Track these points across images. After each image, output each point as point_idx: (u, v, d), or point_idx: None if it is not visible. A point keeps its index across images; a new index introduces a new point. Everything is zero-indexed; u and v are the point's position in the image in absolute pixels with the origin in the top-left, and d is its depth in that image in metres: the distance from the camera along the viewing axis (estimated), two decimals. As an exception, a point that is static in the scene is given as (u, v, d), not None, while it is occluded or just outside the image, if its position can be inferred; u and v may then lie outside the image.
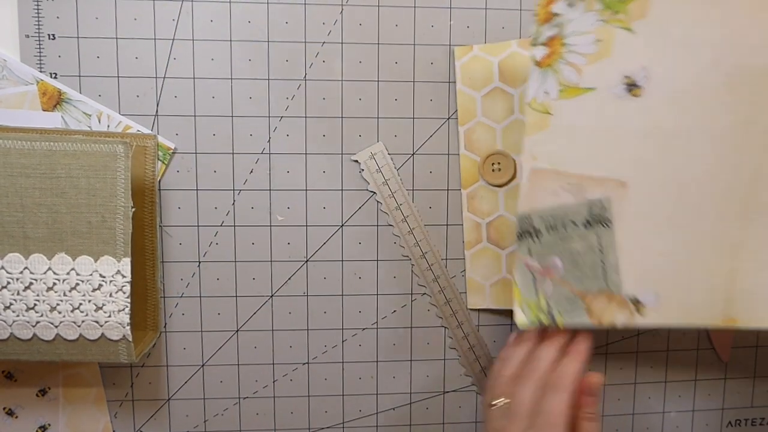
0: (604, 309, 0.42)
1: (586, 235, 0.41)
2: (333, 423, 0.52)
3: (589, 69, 0.38)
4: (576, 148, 0.40)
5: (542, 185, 0.41)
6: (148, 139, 0.46)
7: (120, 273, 0.42)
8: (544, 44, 0.39)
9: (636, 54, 0.38)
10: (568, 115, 0.39)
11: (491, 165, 0.45)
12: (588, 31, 0.38)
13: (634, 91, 0.39)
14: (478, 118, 0.46)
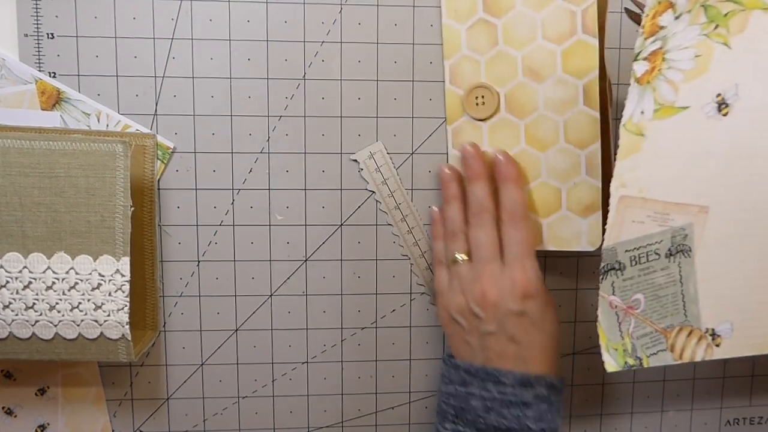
0: (685, 344, 0.41)
1: (668, 266, 0.40)
2: (332, 422, 0.52)
3: (685, 87, 0.37)
4: (664, 173, 0.38)
5: (629, 215, 0.39)
6: (148, 139, 0.46)
7: (119, 272, 0.42)
8: (645, 59, 0.37)
9: (730, 71, 0.36)
10: (660, 137, 0.37)
11: (475, 99, 0.45)
12: (690, 46, 0.36)
13: (724, 110, 0.37)
14: (462, 51, 0.45)
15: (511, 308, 0.42)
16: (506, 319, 0.42)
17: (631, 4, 0.50)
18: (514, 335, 0.42)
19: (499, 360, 0.42)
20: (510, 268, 0.42)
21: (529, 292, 0.42)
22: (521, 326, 0.42)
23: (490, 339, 0.43)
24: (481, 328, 0.43)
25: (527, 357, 0.42)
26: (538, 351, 0.42)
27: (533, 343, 0.42)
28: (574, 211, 0.43)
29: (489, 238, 0.43)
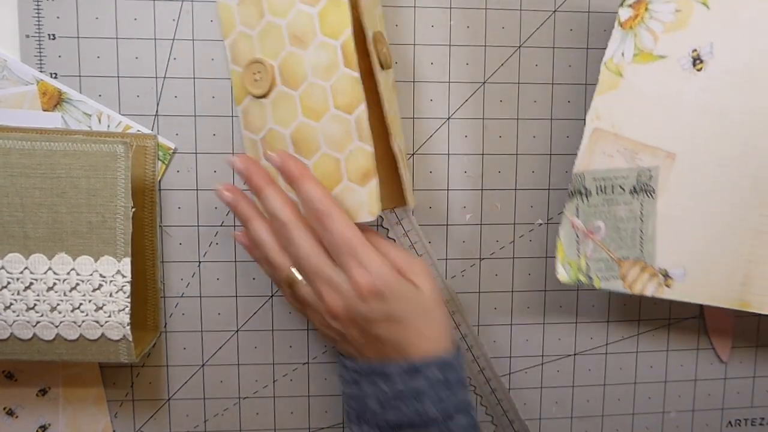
0: (637, 277, 0.44)
1: (631, 202, 0.43)
2: (333, 423, 0.52)
3: (664, 37, 0.40)
4: (637, 114, 0.41)
5: (600, 146, 0.42)
6: (149, 139, 0.46)
7: (120, 273, 0.42)
8: (630, 6, 0.40)
9: (707, 29, 0.39)
10: (637, 80, 0.41)
11: (252, 75, 0.44)
12: (671, 0, 0.40)
13: (698, 65, 0.40)
14: (237, 28, 0.44)
15: (365, 314, 0.39)
16: (366, 325, 0.39)
17: (632, 5, 0.50)
18: (380, 335, 0.39)
19: (381, 355, 0.40)
20: (345, 272, 0.39)
21: (376, 290, 0.38)
22: (389, 325, 0.39)
23: (362, 344, 0.41)
24: (348, 337, 0.41)
25: (405, 344, 0.39)
26: (414, 335, 0.39)
27: (402, 332, 0.39)
28: (353, 181, 0.42)
29: (306, 250, 0.40)
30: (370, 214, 0.42)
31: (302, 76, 0.42)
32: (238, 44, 0.45)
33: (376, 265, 0.39)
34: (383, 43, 0.43)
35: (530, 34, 0.49)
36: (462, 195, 0.50)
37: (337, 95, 0.41)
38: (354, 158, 0.41)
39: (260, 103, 0.45)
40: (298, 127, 0.43)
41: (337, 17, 0.40)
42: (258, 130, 0.45)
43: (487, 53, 0.49)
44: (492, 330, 0.52)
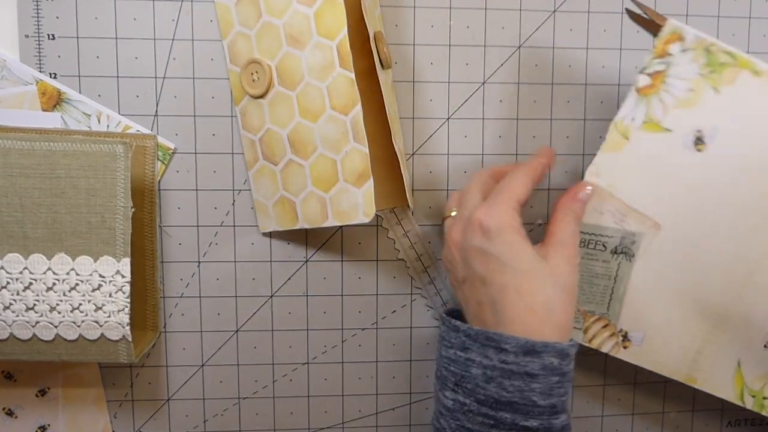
0: (598, 333, 0.46)
1: (609, 261, 0.44)
2: (333, 423, 0.52)
3: (674, 112, 0.41)
4: (634, 179, 0.42)
5: (594, 201, 0.43)
6: (148, 139, 0.46)
7: (119, 273, 0.42)
8: (649, 75, 0.41)
9: (714, 113, 0.41)
10: (641, 147, 0.42)
11: (250, 75, 0.44)
12: (687, 78, 0.41)
13: (700, 146, 0.41)
14: (236, 28, 0.45)
15: (471, 244, 0.39)
16: (471, 258, 0.39)
17: (631, 4, 0.50)
18: (484, 276, 0.38)
19: (480, 308, 0.39)
20: (476, 208, 0.40)
21: (486, 226, 0.38)
22: (487, 264, 0.38)
23: (467, 285, 0.40)
24: (458, 276, 0.41)
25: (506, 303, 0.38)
26: (513, 296, 0.37)
27: (506, 284, 0.38)
28: (349, 182, 0.42)
29: (472, 192, 0.42)
30: (366, 216, 0.42)
31: (299, 76, 0.42)
32: (237, 44, 0.45)
33: (499, 209, 0.39)
34: (384, 43, 0.43)
35: (530, 34, 0.49)
36: (462, 195, 0.50)
37: (333, 96, 0.41)
38: (350, 159, 0.42)
39: (258, 103, 0.45)
40: (295, 127, 0.43)
41: (332, 18, 0.40)
42: (256, 130, 0.45)
43: (487, 53, 0.49)
44: (492, 330, 0.52)
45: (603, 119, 0.50)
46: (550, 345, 0.37)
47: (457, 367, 0.39)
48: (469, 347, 0.39)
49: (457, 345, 0.40)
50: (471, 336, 0.39)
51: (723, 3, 0.50)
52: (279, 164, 0.45)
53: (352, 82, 0.40)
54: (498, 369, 0.37)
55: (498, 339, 0.37)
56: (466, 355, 0.39)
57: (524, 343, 0.36)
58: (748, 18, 0.51)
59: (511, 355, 0.37)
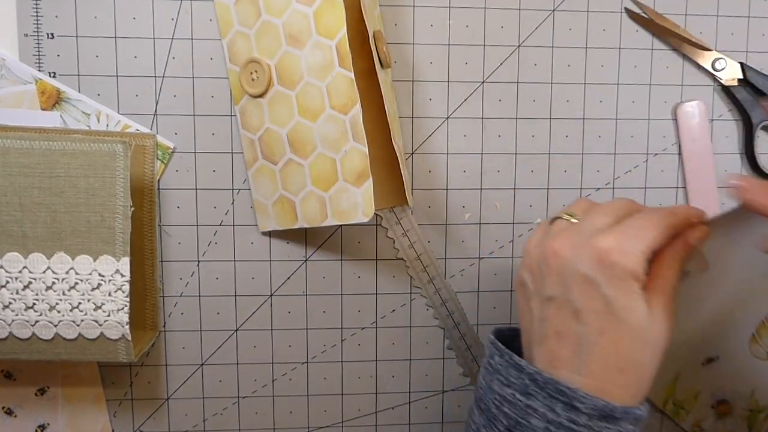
0: None
1: None
2: (332, 422, 0.52)
3: None
4: None
5: None
6: (147, 139, 0.46)
7: (119, 272, 0.42)
8: None
9: None
10: None
11: (250, 75, 0.44)
12: None
13: None
14: (235, 27, 0.45)
15: (582, 270, 0.32)
16: (572, 283, 0.33)
17: (631, 4, 0.50)
18: (580, 310, 0.33)
19: (558, 345, 0.33)
20: (606, 230, 0.33)
21: (612, 261, 0.32)
22: (590, 300, 0.32)
23: (551, 307, 0.34)
24: (543, 292, 0.35)
25: (595, 352, 0.32)
26: (613, 352, 0.32)
27: (605, 332, 0.32)
28: (349, 181, 0.42)
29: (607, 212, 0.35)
30: (365, 215, 0.42)
31: (298, 75, 0.42)
32: (236, 43, 0.45)
33: (634, 251, 0.32)
34: (383, 42, 0.43)
35: (529, 33, 0.49)
36: (461, 194, 0.50)
37: (332, 95, 0.41)
38: (349, 159, 0.42)
39: (257, 102, 0.45)
40: (294, 126, 0.43)
41: (332, 17, 0.40)
42: (255, 130, 0.46)
43: (486, 53, 0.49)
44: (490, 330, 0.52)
45: (602, 119, 0.50)
46: (630, 412, 0.32)
47: (513, 411, 0.34)
48: (533, 394, 0.33)
49: (518, 387, 0.34)
50: (537, 383, 0.33)
51: (722, 2, 0.50)
52: (278, 163, 0.45)
53: (351, 82, 0.40)
54: (565, 428, 0.32)
55: (571, 395, 0.32)
56: (527, 401, 0.33)
57: (602, 407, 0.31)
58: (748, 18, 0.51)
59: (583, 416, 0.32)
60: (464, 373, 0.52)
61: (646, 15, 0.50)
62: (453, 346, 0.52)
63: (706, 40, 0.50)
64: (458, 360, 0.52)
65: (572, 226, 0.35)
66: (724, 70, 0.50)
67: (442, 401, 0.52)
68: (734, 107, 0.51)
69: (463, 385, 0.52)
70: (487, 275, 0.51)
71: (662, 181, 0.51)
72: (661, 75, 0.50)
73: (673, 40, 0.50)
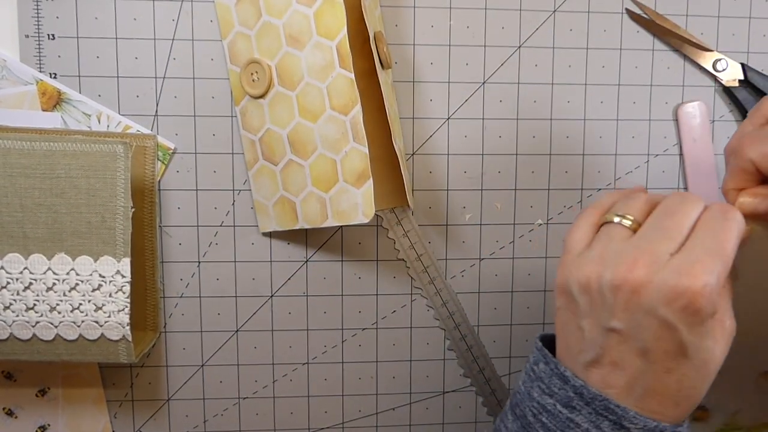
0: None
1: None
2: (333, 423, 0.52)
3: None
4: None
5: None
6: (148, 139, 0.46)
7: (120, 273, 0.42)
8: None
9: None
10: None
11: (250, 75, 0.44)
12: None
13: None
14: (236, 28, 0.45)
15: (658, 312, 0.29)
16: (646, 323, 0.29)
17: (631, 5, 0.50)
18: (649, 350, 0.30)
19: (612, 374, 0.31)
20: (685, 259, 0.29)
21: (696, 306, 0.28)
22: (664, 342, 0.29)
23: (611, 338, 0.30)
24: (603, 319, 0.31)
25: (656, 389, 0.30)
26: (675, 389, 0.30)
27: (672, 371, 0.30)
28: (349, 182, 0.42)
29: (685, 210, 0.30)
30: (365, 216, 0.42)
31: (299, 76, 0.42)
32: (237, 44, 0.45)
33: (713, 281, 0.28)
34: (384, 43, 0.43)
35: (530, 34, 0.49)
36: (462, 195, 0.50)
37: (332, 96, 0.41)
38: (349, 159, 0.42)
39: (258, 103, 0.45)
40: (295, 127, 0.43)
41: (332, 18, 0.40)
42: (256, 131, 0.46)
43: (487, 53, 0.49)
44: (492, 330, 0.52)
45: (603, 119, 0.50)
46: (677, 431, 0.30)
47: (553, 423, 0.32)
48: (577, 408, 0.31)
49: (560, 398, 0.32)
50: (583, 396, 0.31)
51: (723, 3, 0.50)
52: (279, 164, 0.45)
53: (351, 82, 0.40)
54: None
55: (621, 414, 0.30)
56: (569, 414, 0.31)
57: (653, 427, 0.30)
58: (748, 18, 0.51)
59: None
60: (465, 374, 0.52)
61: (647, 16, 0.50)
62: (454, 347, 0.52)
63: (707, 40, 0.50)
64: (459, 361, 0.52)
65: (639, 243, 0.30)
66: (725, 70, 0.50)
67: (443, 402, 0.52)
68: (735, 108, 0.51)
69: (463, 386, 0.52)
70: (487, 276, 0.51)
71: (663, 181, 0.51)
72: (662, 76, 0.50)
73: (674, 41, 0.50)
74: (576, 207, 0.51)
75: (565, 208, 0.51)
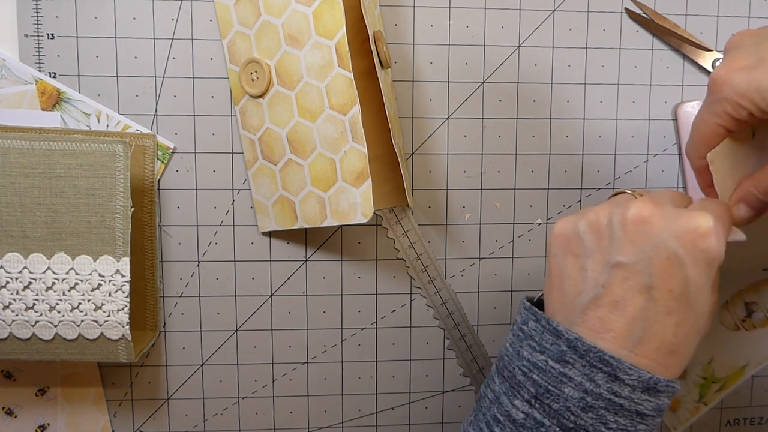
0: None
1: None
2: (332, 422, 0.52)
3: None
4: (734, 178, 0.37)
5: None
6: (148, 139, 0.46)
7: (119, 272, 0.42)
8: None
9: None
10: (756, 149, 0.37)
11: (250, 75, 0.44)
12: None
13: None
14: (235, 27, 0.45)
15: (669, 244, 0.29)
16: (655, 255, 0.30)
17: (631, 4, 0.50)
18: (654, 286, 0.30)
19: (612, 314, 0.31)
20: (695, 208, 0.31)
21: (707, 243, 0.29)
22: (669, 278, 0.30)
23: (616, 274, 0.31)
24: (610, 254, 0.31)
25: (655, 332, 0.30)
26: (672, 334, 0.31)
27: (672, 313, 0.30)
28: (348, 182, 0.42)
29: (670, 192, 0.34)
30: (364, 216, 0.42)
31: (298, 76, 0.42)
32: (236, 44, 0.45)
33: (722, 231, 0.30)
34: (383, 43, 0.43)
35: (529, 33, 0.49)
36: (461, 195, 0.50)
37: (331, 96, 0.41)
38: (348, 159, 0.42)
39: (257, 102, 0.45)
40: (294, 127, 0.43)
41: (331, 17, 0.40)
42: (255, 130, 0.46)
43: (487, 53, 0.49)
44: (492, 330, 0.52)
45: (603, 119, 0.50)
46: (671, 385, 0.31)
47: (543, 378, 0.32)
48: (570, 362, 0.31)
49: (552, 353, 0.32)
50: (577, 349, 0.31)
51: (723, 3, 0.50)
52: (278, 164, 0.45)
53: (350, 82, 0.40)
54: (604, 399, 0.30)
55: (615, 365, 0.30)
56: (562, 368, 0.31)
57: (647, 379, 0.30)
58: (748, 18, 0.51)
59: (626, 388, 0.30)
60: (464, 373, 0.52)
61: (647, 15, 0.50)
62: (453, 346, 0.52)
63: (707, 40, 0.50)
64: (458, 360, 0.52)
65: (651, 197, 0.32)
66: (725, 70, 0.50)
67: (443, 401, 0.52)
68: (734, 107, 0.51)
69: (463, 385, 0.52)
70: (487, 275, 0.51)
71: (662, 181, 0.51)
72: (662, 75, 0.50)
73: (674, 41, 0.50)
74: (575, 206, 0.51)
75: (565, 207, 0.51)
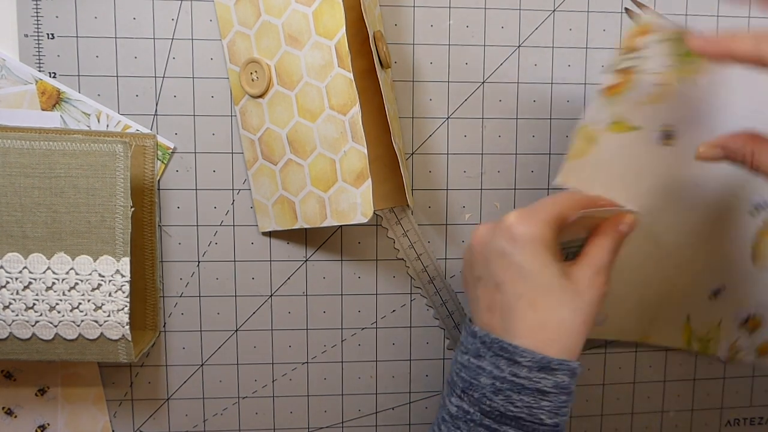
0: None
1: None
2: (332, 422, 0.52)
3: (642, 108, 0.39)
4: (603, 182, 0.41)
5: None
6: (148, 139, 0.46)
7: (119, 272, 0.42)
8: (616, 72, 0.38)
9: (681, 107, 0.39)
10: (609, 149, 0.40)
11: (250, 75, 0.44)
12: (656, 73, 0.38)
13: (667, 140, 0.40)
14: (235, 27, 0.45)
15: (496, 245, 0.37)
16: (491, 258, 0.38)
17: (631, 4, 0.50)
18: (500, 282, 0.37)
19: (489, 314, 0.38)
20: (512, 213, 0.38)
21: (515, 233, 0.36)
22: (506, 270, 0.37)
23: (479, 286, 0.39)
24: (473, 273, 0.40)
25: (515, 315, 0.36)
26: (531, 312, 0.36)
27: (521, 296, 0.36)
28: (348, 182, 0.42)
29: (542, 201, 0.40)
30: (364, 216, 0.42)
31: (298, 76, 0.42)
32: (236, 44, 0.45)
33: (534, 219, 0.37)
34: (383, 43, 0.43)
35: (529, 33, 0.49)
36: (461, 194, 0.50)
37: (331, 96, 0.41)
38: (348, 159, 0.42)
39: (257, 102, 0.45)
40: (294, 127, 0.43)
41: (331, 17, 0.40)
42: (255, 130, 0.46)
43: (486, 53, 0.49)
44: (491, 329, 0.52)
45: (602, 119, 0.50)
46: (565, 363, 0.36)
47: (467, 374, 0.38)
48: (483, 355, 0.37)
49: (472, 351, 0.38)
50: (486, 343, 0.37)
51: (722, 3, 0.50)
52: (278, 164, 0.45)
53: (350, 82, 0.40)
54: (508, 382, 0.36)
55: (512, 351, 0.36)
56: (478, 362, 0.37)
57: (540, 359, 0.35)
58: (748, 18, 0.51)
59: (524, 369, 0.36)
60: (464, 373, 0.52)
61: (647, 15, 0.50)
62: (453, 346, 0.52)
63: (707, 40, 0.50)
64: (458, 360, 0.52)
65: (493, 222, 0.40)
66: (725, 70, 0.50)
67: (443, 401, 0.52)
68: (734, 107, 0.51)
69: (463, 385, 0.52)
70: (487, 275, 0.51)
71: (662, 181, 0.51)
72: (662, 75, 0.50)
73: (674, 40, 0.50)
74: (575, 206, 0.51)
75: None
